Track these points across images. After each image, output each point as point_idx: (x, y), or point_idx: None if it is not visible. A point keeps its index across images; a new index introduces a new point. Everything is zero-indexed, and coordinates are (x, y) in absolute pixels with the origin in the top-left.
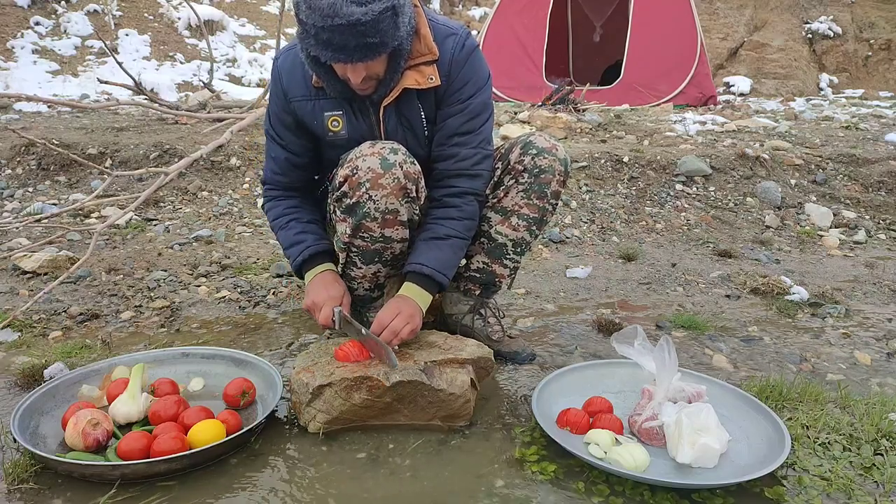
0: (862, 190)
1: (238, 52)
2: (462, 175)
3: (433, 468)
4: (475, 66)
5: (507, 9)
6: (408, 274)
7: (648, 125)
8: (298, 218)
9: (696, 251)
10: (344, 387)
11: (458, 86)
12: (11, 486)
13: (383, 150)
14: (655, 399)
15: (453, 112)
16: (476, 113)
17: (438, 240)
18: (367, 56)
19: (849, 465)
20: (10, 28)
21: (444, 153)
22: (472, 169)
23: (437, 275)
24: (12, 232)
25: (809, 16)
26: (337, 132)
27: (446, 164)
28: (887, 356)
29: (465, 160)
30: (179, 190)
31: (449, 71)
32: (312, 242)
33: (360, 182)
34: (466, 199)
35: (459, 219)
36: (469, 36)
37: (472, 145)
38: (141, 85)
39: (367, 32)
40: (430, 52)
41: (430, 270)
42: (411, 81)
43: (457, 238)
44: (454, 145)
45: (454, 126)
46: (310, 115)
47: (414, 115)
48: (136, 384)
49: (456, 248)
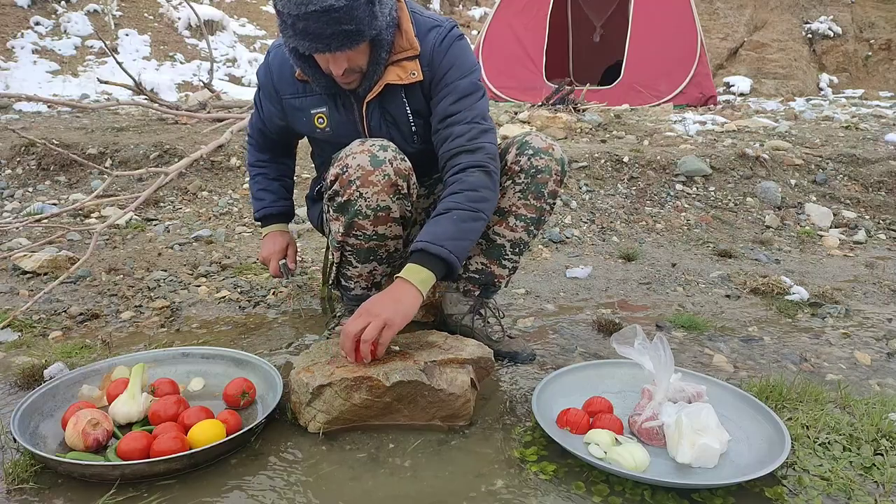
0: (862, 190)
1: (238, 52)
2: (461, 152)
3: (433, 468)
4: (457, 53)
5: (507, 9)
6: (414, 252)
7: (648, 125)
8: (265, 173)
9: (696, 251)
10: (344, 387)
11: (441, 73)
12: (11, 486)
13: (373, 148)
14: (655, 399)
15: (441, 97)
16: (465, 93)
17: (437, 216)
18: (344, 44)
19: (849, 465)
20: (10, 28)
21: (439, 137)
22: (468, 144)
23: (431, 247)
24: (12, 232)
25: (809, 16)
26: (323, 128)
27: (444, 147)
28: (887, 356)
29: (459, 137)
30: (179, 190)
31: (431, 61)
32: (269, 203)
33: (351, 180)
34: (467, 172)
35: (460, 191)
36: (453, 28)
37: (466, 121)
38: (141, 85)
39: (342, 19)
40: (412, 47)
41: (423, 244)
42: (393, 77)
43: (458, 210)
44: (447, 126)
45: (443, 109)
46: (298, 112)
47: (399, 111)
48: (136, 384)
49: (458, 220)
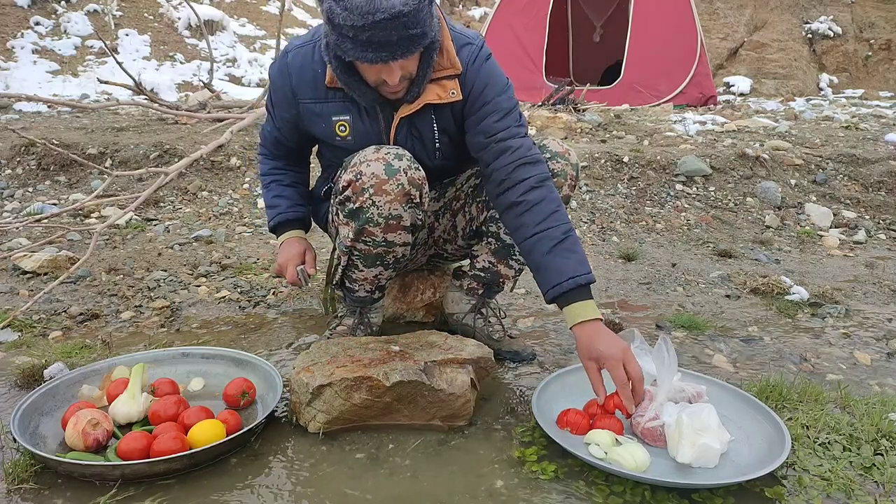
0: (862, 190)
1: (238, 52)
2: (524, 164)
3: (433, 468)
4: (490, 71)
5: (507, 9)
6: (569, 292)
7: (648, 125)
8: (279, 180)
9: (696, 251)
10: (344, 387)
11: (477, 92)
12: (11, 486)
13: (388, 156)
14: (657, 400)
15: (484, 115)
16: (508, 110)
17: (561, 242)
18: (410, 49)
19: (849, 465)
20: (10, 28)
21: (495, 149)
22: (529, 155)
23: (589, 276)
24: (12, 232)
25: (809, 16)
26: (344, 136)
27: (502, 159)
28: (887, 356)
29: (519, 149)
30: (179, 190)
31: (464, 80)
32: (285, 209)
33: (364, 188)
34: (547, 186)
35: (559, 209)
36: (484, 45)
37: (519, 136)
38: (141, 85)
39: (409, 24)
40: (453, 66)
41: (585, 279)
42: (433, 96)
43: (571, 229)
44: (500, 141)
45: (490, 124)
46: (317, 118)
47: (426, 127)
48: (136, 384)
49: (576, 241)
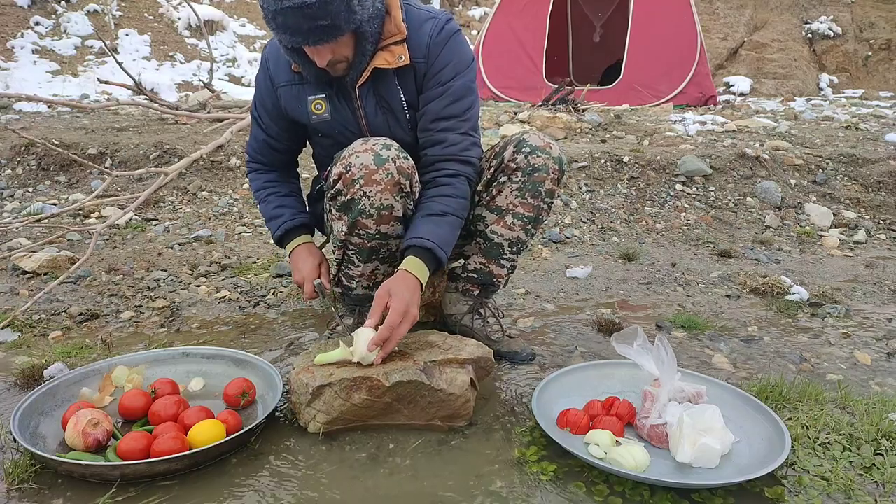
0: (862, 190)
1: (238, 52)
2: (452, 159)
3: (433, 468)
4: (455, 48)
5: (507, 9)
6: (408, 248)
7: (648, 125)
8: (277, 192)
9: (696, 251)
10: (344, 387)
11: (437, 68)
12: (11, 486)
13: (376, 147)
14: (660, 400)
15: (434, 95)
16: (459, 96)
17: (436, 216)
18: (321, 39)
19: (849, 465)
20: (10, 28)
21: (432, 139)
22: (461, 154)
23: (438, 250)
24: (12, 232)
25: (809, 16)
26: (320, 114)
27: (435, 149)
28: (887, 356)
29: (454, 145)
30: (179, 190)
31: (427, 53)
32: (289, 217)
33: (354, 179)
34: (459, 179)
35: (453, 196)
36: (450, 21)
37: (461, 131)
38: (141, 85)
39: (316, 15)
40: (399, 31)
41: (431, 244)
42: (381, 61)
43: (453, 216)
44: (441, 130)
45: (437, 109)
46: (294, 100)
47: (393, 97)
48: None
49: (453, 227)
